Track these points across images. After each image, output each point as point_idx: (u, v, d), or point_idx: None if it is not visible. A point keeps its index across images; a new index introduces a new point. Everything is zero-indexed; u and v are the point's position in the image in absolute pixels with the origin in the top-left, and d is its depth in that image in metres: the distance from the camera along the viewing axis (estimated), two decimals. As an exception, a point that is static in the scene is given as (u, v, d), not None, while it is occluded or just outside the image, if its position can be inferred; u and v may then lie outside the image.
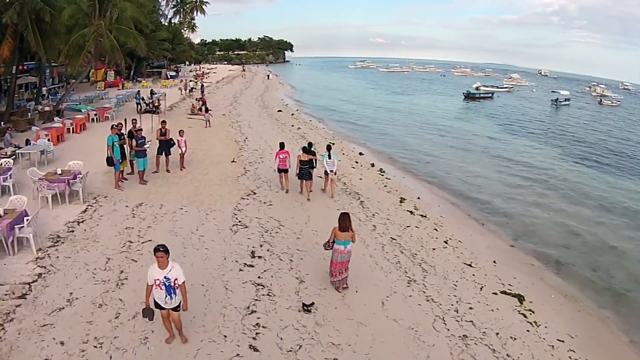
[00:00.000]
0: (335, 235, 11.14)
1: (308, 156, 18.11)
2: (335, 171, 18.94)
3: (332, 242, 11.25)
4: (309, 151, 18.40)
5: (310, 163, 18.16)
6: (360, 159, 28.60)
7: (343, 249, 11.21)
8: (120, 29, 34.30)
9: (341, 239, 11.12)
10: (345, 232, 11.08)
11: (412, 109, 62.89)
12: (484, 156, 34.09)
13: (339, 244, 11.17)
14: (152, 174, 20.51)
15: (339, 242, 11.16)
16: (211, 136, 30.84)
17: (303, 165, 18.06)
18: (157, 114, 38.18)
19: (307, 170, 18.16)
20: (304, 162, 18.00)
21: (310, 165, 18.26)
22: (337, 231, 11.10)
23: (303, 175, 18.33)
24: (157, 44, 74.96)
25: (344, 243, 11.16)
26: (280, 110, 48.99)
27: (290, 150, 19.91)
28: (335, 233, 11.15)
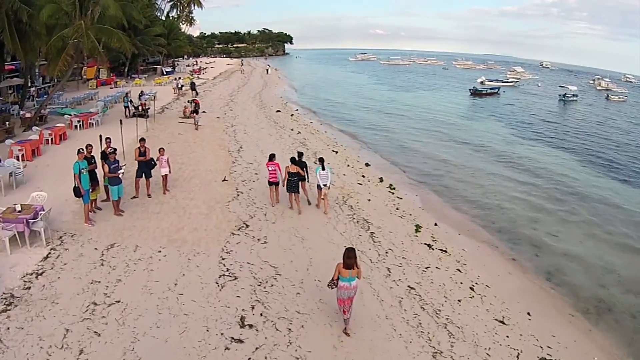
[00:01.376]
0: (340, 272, 10.20)
1: (296, 168, 17.32)
2: (329, 185, 17.78)
3: (337, 279, 10.26)
4: (297, 162, 17.63)
5: (298, 175, 17.39)
6: (367, 172, 25.95)
7: (349, 285, 10.26)
8: (102, 29, 31.58)
9: (346, 276, 10.18)
10: (350, 270, 10.14)
11: (417, 108, 59.74)
12: (501, 166, 31.32)
13: (344, 281, 10.21)
14: (130, 200, 17.99)
15: (344, 279, 10.20)
16: (202, 146, 28.23)
17: (291, 177, 17.31)
18: (147, 117, 35.79)
19: (295, 182, 17.41)
20: (292, 174, 17.26)
21: (299, 177, 17.51)
22: (342, 268, 10.18)
23: (291, 188, 17.55)
24: (152, 39, 72.47)
25: (349, 280, 10.21)
26: (279, 110, 46.38)
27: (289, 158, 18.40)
28: (339, 270, 10.21)
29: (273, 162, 17.79)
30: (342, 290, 10.31)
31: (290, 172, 17.24)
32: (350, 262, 10.10)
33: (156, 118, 36.74)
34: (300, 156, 18.57)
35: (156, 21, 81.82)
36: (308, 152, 28.45)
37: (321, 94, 71.58)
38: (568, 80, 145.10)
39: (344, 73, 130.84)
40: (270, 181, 18.03)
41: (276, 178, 17.83)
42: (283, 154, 25.12)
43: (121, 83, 61.45)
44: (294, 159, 17.76)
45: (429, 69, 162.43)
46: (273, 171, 17.73)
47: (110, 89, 56.14)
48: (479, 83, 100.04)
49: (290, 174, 17.26)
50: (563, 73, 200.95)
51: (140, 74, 75.88)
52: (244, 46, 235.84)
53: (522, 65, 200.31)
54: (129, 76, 71.98)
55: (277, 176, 17.79)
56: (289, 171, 17.27)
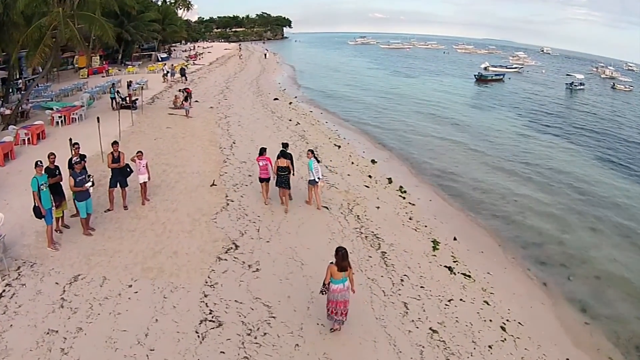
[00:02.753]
0: (332, 274, 9.53)
1: (286, 162, 16.24)
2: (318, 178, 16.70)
3: (328, 282, 9.62)
4: (286, 155, 16.50)
5: (289, 169, 16.35)
6: (374, 171, 23.50)
7: (342, 287, 9.66)
8: (83, 16, 28.93)
9: (339, 278, 9.57)
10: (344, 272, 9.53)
11: (422, 95, 56.77)
12: (518, 165, 28.49)
13: (336, 283, 9.60)
14: (103, 214, 15.63)
15: (336, 282, 9.59)
16: (191, 141, 25.79)
17: (281, 172, 16.28)
18: (135, 109, 33.40)
19: (286, 177, 16.39)
20: (282, 168, 16.22)
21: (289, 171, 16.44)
22: (334, 270, 9.51)
23: (282, 183, 16.52)
24: (146, 25, 69.71)
25: (342, 281, 9.62)
26: (277, 98, 43.83)
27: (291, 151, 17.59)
28: (332, 272, 9.53)
29: (264, 157, 16.65)
30: (336, 294, 9.61)
31: (280, 167, 16.17)
32: (344, 265, 9.44)
33: (145, 109, 34.29)
34: (286, 147, 17.23)
35: (150, 6, 78.80)
36: (308, 146, 26.01)
37: (321, 79, 68.57)
38: (570, 67, 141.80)
39: (344, 57, 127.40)
40: (262, 177, 16.94)
41: (268, 174, 16.76)
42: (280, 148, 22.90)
43: (113, 71, 58.72)
44: (284, 152, 16.54)
45: (430, 53, 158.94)
46: (264, 167, 16.64)
47: (102, 78, 53.56)
48: (482, 68, 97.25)
49: (280, 168, 16.19)
50: (564, 59, 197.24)
51: (134, 61, 73.10)
52: (242, 30, 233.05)
53: (522, 50, 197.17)
54: (123, 63, 69.20)
55: (268, 172, 16.70)
56: (279, 165, 16.17)
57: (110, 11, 58.57)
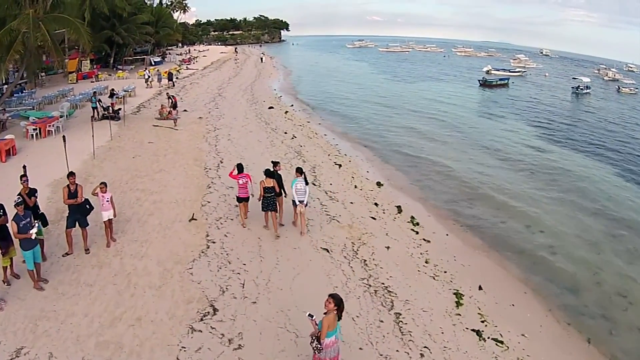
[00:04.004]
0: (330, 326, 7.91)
1: (273, 181, 14.70)
2: (307, 202, 15.07)
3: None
4: (272, 174, 14.95)
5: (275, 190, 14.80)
6: (380, 197, 20.51)
7: (334, 340, 8.08)
8: (57, 19, 26.11)
9: (333, 329, 7.97)
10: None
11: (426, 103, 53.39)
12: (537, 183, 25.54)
13: (330, 335, 7.95)
14: (61, 260, 12.99)
15: (330, 334, 7.94)
16: (173, 160, 22.92)
17: (267, 193, 14.61)
18: (117, 120, 30.68)
19: (272, 199, 14.71)
20: (268, 189, 14.60)
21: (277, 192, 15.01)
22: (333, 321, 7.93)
23: (268, 206, 14.78)
24: (138, 28, 66.84)
25: (335, 332, 8.03)
26: (272, 106, 40.91)
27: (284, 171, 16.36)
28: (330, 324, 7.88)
29: (244, 174, 15.20)
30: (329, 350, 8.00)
31: (266, 187, 14.56)
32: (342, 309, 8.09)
33: (129, 120, 31.58)
34: (276, 165, 15.70)
35: (143, 8, 76.00)
36: (305, 166, 23.14)
37: (319, 85, 65.53)
38: (573, 69, 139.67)
39: (342, 61, 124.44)
40: (240, 197, 15.35)
41: (247, 193, 15.22)
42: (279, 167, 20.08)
43: (103, 76, 55.88)
44: (269, 172, 14.92)
45: (429, 57, 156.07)
46: (244, 185, 15.10)
47: (91, 83, 50.73)
48: (485, 72, 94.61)
49: (266, 189, 14.56)
50: (565, 61, 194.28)
51: (126, 65, 70.30)
52: (239, 33, 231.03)
53: (521, 52, 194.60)
54: (115, 67, 66.40)
55: (248, 191, 15.19)
56: (264, 186, 14.55)
57: (100, 13, 56.42)
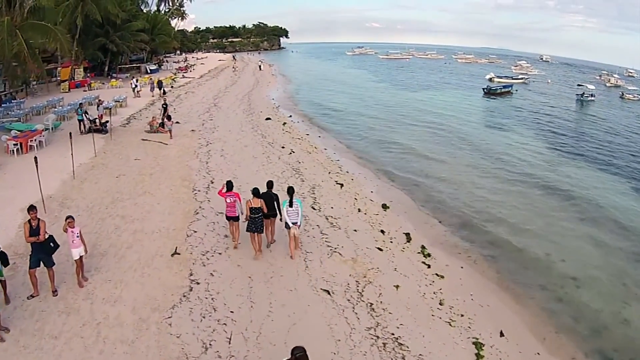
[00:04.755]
0: None
1: (260, 202, 13.73)
2: (300, 223, 14.17)
3: None
4: (262, 195, 13.98)
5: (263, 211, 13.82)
6: (386, 221, 18.55)
7: None
8: (36, 26, 24.26)
9: None
10: None
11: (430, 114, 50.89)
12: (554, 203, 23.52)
13: None
14: (26, 303, 11.27)
15: None
16: (159, 180, 21.01)
17: (254, 214, 13.68)
18: (105, 133, 28.86)
19: (259, 220, 13.75)
20: (255, 209, 13.68)
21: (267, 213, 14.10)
22: None
23: (254, 227, 13.80)
24: (133, 35, 65.06)
25: None
26: (269, 117, 39.07)
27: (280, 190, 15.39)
28: None
29: (232, 193, 14.30)
30: None
31: (253, 208, 13.62)
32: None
33: (117, 133, 29.84)
34: (270, 186, 14.58)
35: (139, 15, 74.28)
36: (304, 186, 21.34)
37: (318, 94, 63.36)
38: (573, 75, 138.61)
39: (342, 69, 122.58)
40: (229, 216, 14.42)
41: (235, 212, 14.24)
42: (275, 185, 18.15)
43: (95, 85, 54.00)
44: (257, 191, 13.93)
45: (430, 64, 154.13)
46: (232, 204, 14.18)
47: (84, 92, 48.97)
48: (487, 80, 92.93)
49: (252, 209, 13.62)
50: (565, 68, 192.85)
51: (121, 74, 68.56)
52: (238, 40, 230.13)
53: (521, 58, 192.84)
54: (110, 75, 64.67)
55: (236, 210, 14.22)
56: (250, 206, 13.62)
57: (94, 20, 54.71)
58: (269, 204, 14.00)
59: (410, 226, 18.42)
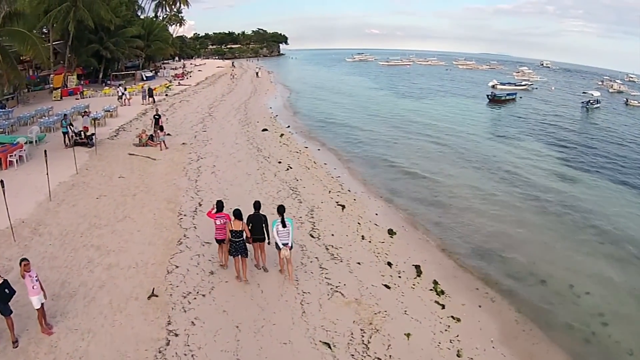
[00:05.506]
0: None
1: (241, 224, 12.79)
2: (292, 245, 13.25)
3: None
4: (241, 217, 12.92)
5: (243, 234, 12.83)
6: (394, 251, 16.64)
7: None
8: (11, 33, 22.53)
9: None
10: None
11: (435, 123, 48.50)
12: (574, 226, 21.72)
13: None
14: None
15: None
16: (142, 202, 19.10)
17: (235, 238, 12.76)
18: (92, 146, 27.09)
19: (240, 244, 12.81)
20: (236, 233, 12.75)
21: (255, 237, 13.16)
22: None
23: (236, 251, 12.89)
24: (127, 41, 63.31)
25: None
26: (266, 129, 37.19)
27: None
28: None
29: (222, 214, 13.35)
30: None
31: (233, 231, 12.72)
32: None
33: (104, 146, 28.19)
34: (258, 208, 13.47)
35: (134, 21, 72.60)
36: (301, 208, 19.49)
37: (318, 103, 61.48)
38: (575, 82, 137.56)
39: (342, 76, 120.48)
40: (217, 239, 13.56)
41: (224, 235, 13.20)
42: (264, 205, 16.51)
43: (88, 93, 52.15)
44: (238, 213, 12.89)
45: (431, 70, 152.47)
46: (221, 226, 13.23)
47: (76, 101, 47.18)
48: (490, 87, 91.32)
49: (233, 233, 12.73)
50: (566, 73, 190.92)
51: (115, 81, 66.78)
52: (237, 47, 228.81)
53: (521, 64, 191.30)
54: (104, 83, 62.93)
55: (226, 232, 13.13)
56: (231, 229, 12.74)
57: (87, 26, 53.02)
58: (256, 227, 13.04)
59: (419, 256, 16.48)
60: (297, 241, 15.88)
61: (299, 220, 17.78)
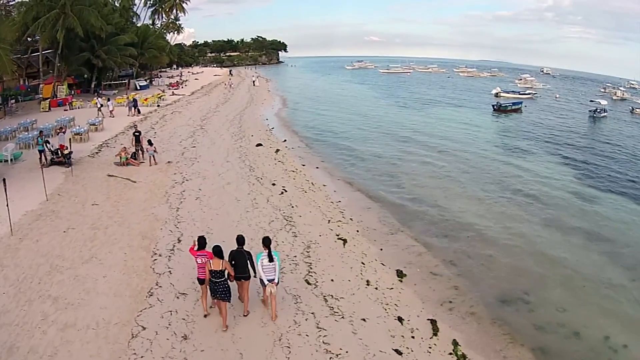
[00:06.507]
0: None
1: (222, 263, 10.98)
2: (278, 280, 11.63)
3: None
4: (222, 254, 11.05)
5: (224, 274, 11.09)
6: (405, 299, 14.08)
7: None
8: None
9: None
10: None
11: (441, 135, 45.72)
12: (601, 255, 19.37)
13: None
14: None
15: None
16: (114, 237, 16.63)
17: (215, 278, 10.99)
18: (70, 165, 24.73)
19: (222, 285, 11.06)
20: (216, 273, 10.95)
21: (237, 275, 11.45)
22: None
23: (217, 293, 11.15)
24: (119, 49, 60.97)
25: None
26: (261, 144, 34.74)
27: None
28: None
29: (204, 252, 11.63)
30: None
31: (213, 271, 11.07)
32: None
33: (82, 166, 25.78)
34: (241, 243, 11.79)
35: (127, 29, 70.35)
36: (296, 244, 17.01)
37: (317, 114, 58.77)
38: (578, 89, 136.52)
39: (342, 84, 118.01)
40: (200, 278, 11.76)
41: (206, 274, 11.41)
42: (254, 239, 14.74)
43: (77, 104, 49.78)
44: (218, 250, 11.13)
45: (432, 78, 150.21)
46: (203, 265, 11.50)
47: (65, 112, 44.97)
48: (493, 95, 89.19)
49: (212, 273, 11.09)
50: (567, 80, 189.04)
51: (107, 90, 64.56)
52: (236, 55, 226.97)
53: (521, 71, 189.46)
54: (97, 92, 60.65)
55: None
56: (210, 269, 11.08)
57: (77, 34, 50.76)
58: (239, 265, 11.49)
59: (434, 307, 13.94)
60: (290, 290, 13.48)
61: (293, 261, 15.31)
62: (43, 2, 48.85)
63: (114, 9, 72.10)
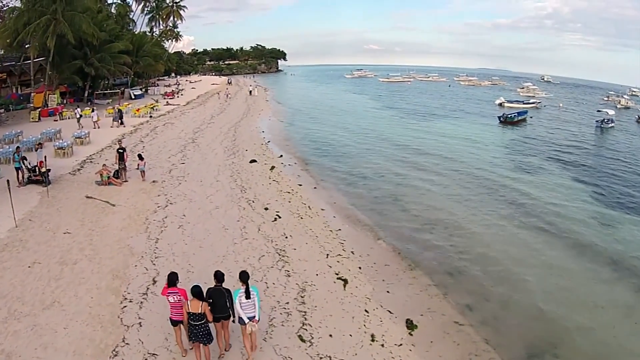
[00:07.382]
0: None
1: (201, 305, 9.92)
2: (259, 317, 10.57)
3: None
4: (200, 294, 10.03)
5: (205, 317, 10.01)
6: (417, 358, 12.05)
7: None
8: None
9: None
10: None
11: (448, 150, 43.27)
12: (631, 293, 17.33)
13: None
14: None
15: None
16: (81, 274, 14.51)
17: (194, 321, 9.96)
18: (48, 184, 22.69)
19: (202, 328, 10.00)
20: (195, 315, 9.93)
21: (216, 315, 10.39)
22: None
23: (196, 336, 10.08)
24: (113, 57, 58.98)
25: None
26: (255, 160, 32.61)
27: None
28: None
29: (175, 289, 10.35)
30: None
31: (191, 313, 9.84)
32: None
33: (60, 185, 23.75)
34: (220, 280, 10.58)
35: (122, 36, 68.45)
36: (289, 285, 14.95)
37: (316, 126, 56.42)
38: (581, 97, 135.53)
39: (342, 94, 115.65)
40: (174, 320, 10.39)
41: (181, 315, 10.20)
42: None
43: (67, 114, 47.72)
44: (198, 291, 9.96)
45: (433, 87, 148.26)
46: (177, 303, 10.24)
47: (55, 122, 42.99)
48: (497, 105, 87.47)
49: (190, 315, 9.86)
50: (569, 88, 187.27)
51: (99, 99, 62.62)
52: (235, 63, 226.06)
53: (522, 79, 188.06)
54: (90, 102, 58.72)
55: (183, 312, 10.14)
56: (188, 311, 9.87)
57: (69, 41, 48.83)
58: (218, 304, 10.33)
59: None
60: (280, 350, 11.41)
61: (285, 310, 13.18)
62: (35, 8, 46.94)
63: (108, 15, 70.36)
